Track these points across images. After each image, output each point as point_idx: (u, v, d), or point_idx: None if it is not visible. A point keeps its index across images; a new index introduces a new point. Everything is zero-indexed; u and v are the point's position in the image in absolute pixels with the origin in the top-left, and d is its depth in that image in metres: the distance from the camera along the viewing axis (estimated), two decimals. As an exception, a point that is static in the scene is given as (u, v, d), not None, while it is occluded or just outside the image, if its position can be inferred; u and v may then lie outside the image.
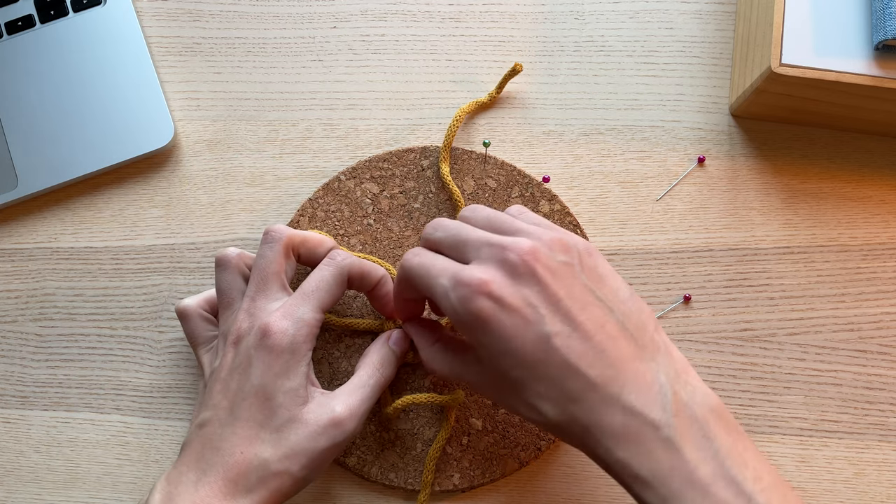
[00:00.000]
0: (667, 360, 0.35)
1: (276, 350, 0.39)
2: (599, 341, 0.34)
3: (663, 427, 0.33)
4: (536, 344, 0.34)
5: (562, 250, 0.36)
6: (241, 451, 0.38)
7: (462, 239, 0.37)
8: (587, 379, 0.33)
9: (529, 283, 0.34)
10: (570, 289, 0.35)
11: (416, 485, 0.45)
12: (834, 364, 0.47)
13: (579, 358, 0.34)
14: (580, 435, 0.34)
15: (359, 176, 0.49)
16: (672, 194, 0.50)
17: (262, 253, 0.42)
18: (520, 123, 0.51)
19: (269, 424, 0.38)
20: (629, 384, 0.33)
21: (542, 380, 0.34)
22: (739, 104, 0.49)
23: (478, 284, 0.34)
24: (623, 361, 0.34)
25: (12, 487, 0.47)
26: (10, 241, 0.50)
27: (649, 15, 0.52)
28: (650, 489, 0.32)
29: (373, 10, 0.52)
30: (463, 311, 0.35)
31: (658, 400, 0.33)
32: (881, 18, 0.43)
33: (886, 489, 0.46)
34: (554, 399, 0.34)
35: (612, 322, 0.35)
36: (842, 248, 0.49)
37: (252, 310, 0.40)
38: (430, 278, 0.36)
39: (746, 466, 0.33)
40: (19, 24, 0.51)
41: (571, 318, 0.34)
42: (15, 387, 0.48)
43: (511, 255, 0.35)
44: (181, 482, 0.38)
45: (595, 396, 0.33)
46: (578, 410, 0.33)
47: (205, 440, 0.39)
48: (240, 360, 0.39)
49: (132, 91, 0.50)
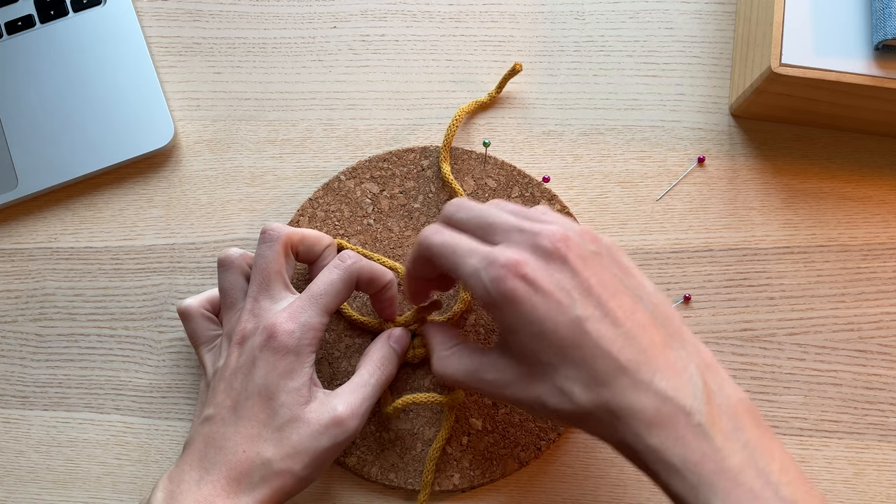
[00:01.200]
0: (695, 350, 0.35)
1: (281, 351, 0.39)
2: (630, 327, 0.34)
3: (695, 414, 0.32)
4: (569, 327, 0.34)
5: (592, 241, 0.36)
6: (243, 450, 0.38)
7: (490, 221, 0.37)
8: (619, 363, 0.33)
9: (562, 268, 0.35)
10: (601, 276, 0.35)
11: (416, 485, 0.45)
12: (834, 364, 0.47)
13: (611, 342, 0.33)
14: (608, 421, 0.33)
15: (359, 176, 0.49)
16: (672, 194, 0.50)
17: (261, 252, 0.42)
18: (520, 123, 0.51)
19: (272, 423, 0.38)
20: (660, 370, 0.33)
21: (574, 363, 0.34)
22: (739, 104, 0.49)
23: (512, 265, 0.34)
24: (653, 348, 0.34)
25: (12, 487, 0.47)
26: (10, 241, 0.50)
27: (649, 15, 0.52)
28: (679, 476, 0.32)
29: (373, 10, 0.52)
30: (495, 292, 0.34)
31: (689, 387, 0.33)
32: (881, 18, 0.43)
33: (886, 489, 0.46)
34: (584, 383, 0.33)
35: (642, 310, 0.35)
36: (842, 248, 0.49)
37: (256, 310, 0.40)
38: (458, 257, 0.36)
39: (773, 459, 0.32)
40: (19, 24, 0.51)
41: (603, 303, 0.34)
42: (15, 387, 0.48)
43: (543, 241, 0.35)
44: (183, 480, 0.38)
45: (626, 381, 0.33)
46: (609, 394, 0.33)
47: (207, 439, 0.39)
48: (244, 361, 0.40)
49: (132, 91, 0.50)
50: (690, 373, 0.33)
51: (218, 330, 0.44)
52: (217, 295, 0.45)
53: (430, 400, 0.44)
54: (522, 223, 0.36)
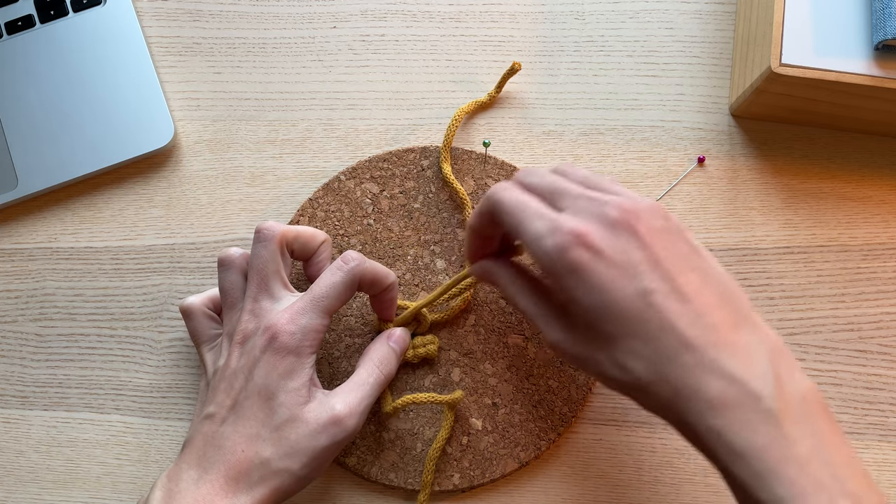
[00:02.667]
0: (766, 335, 0.33)
1: (282, 352, 0.39)
2: (699, 305, 0.32)
3: (765, 398, 0.31)
4: (635, 298, 0.32)
5: (662, 216, 0.35)
6: (242, 450, 0.38)
7: (560, 188, 0.36)
8: (686, 339, 0.32)
9: (630, 238, 0.33)
10: (670, 251, 0.34)
11: (416, 485, 0.45)
12: (834, 364, 0.47)
13: (678, 317, 0.32)
14: (668, 398, 0.32)
15: (359, 176, 0.49)
16: (672, 194, 0.50)
17: (257, 252, 0.42)
18: (520, 123, 0.51)
19: (270, 423, 0.39)
20: (729, 350, 0.32)
21: (637, 336, 0.32)
22: (739, 104, 0.49)
23: (578, 234, 0.33)
24: (722, 328, 0.32)
25: (12, 487, 0.47)
26: (10, 241, 0.50)
27: (649, 15, 0.52)
28: (743, 461, 0.31)
29: (373, 10, 0.52)
30: (558, 259, 0.33)
31: (759, 371, 0.31)
32: (881, 18, 0.43)
33: (886, 489, 0.46)
34: (646, 357, 0.32)
35: (711, 289, 0.33)
36: (842, 248, 0.49)
37: (256, 310, 0.41)
38: (525, 218, 0.35)
39: (840, 452, 0.31)
40: (19, 24, 0.51)
41: (672, 277, 0.33)
42: (15, 387, 0.48)
43: (612, 211, 0.34)
44: (182, 479, 0.38)
45: (692, 358, 0.32)
46: (672, 371, 0.32)
47: (207, 438, 0.39)
48: (245, 361, 0.40)
49: (132, 91, 0.50)
50: (760, 356, 0.32)
51: (219, 329, 0.44)
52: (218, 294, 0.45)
53: (430, 400, 0.44)
54: (590, 192, 0.35)
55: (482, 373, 0.46)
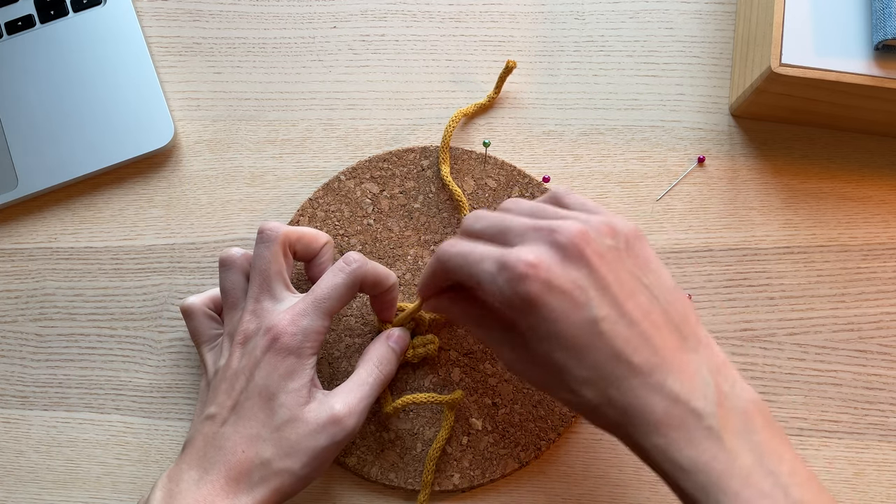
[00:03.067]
0: (708, 352, 0.35)
1: (283, 353, 0.39)
2: (645, 329, 0.34)
3: (706, 416, 0.32)
4: (583, 327, 0.33)
5: (610, 235, 0.35)
6: (242, 450, 0.38)
7: (506, 226, 0.36)
8: (633, 364, 0.33)
9: (578, 265, 0.34)
10: (618, 274, 0.34)
11: (416, 485, 0.45)
12: (834, 364, 0.47)
13: (625, 343, 0.33)
14: (617, 419, 0.34)
15: (359, 176, 0.49)
16: (672, 194, 0.50)
17: (260, 252, 0.42)
18: (520, 123, 0.51)
19: (271, 423, 0.39)
20: (673, 372, 0.33)
21: (586, 365, 0.33)
22: (739, 104, 0.49)
23: (526, 265, 0.33)
24: (667, 350, 0.33)
25: (12, 487, 0.47)
26: (10, 241, 0.50)
27: (649, 15, 0.52)
28: (689, 476, 0.32)
29: (373, 10, 0.52)
30: (511, 293, 0.34)
31: (701, 390, 0.33)
32: (881, 18, 0.43)
33: (886, 489, 0.46)
34: (595, 383, 0.33)
35: (658, 310, 0.34)
36: (842, 248, 0.49)
37: (258, 311, 0.41)
38: (472, 265, 0.36)
39: (783, 460, 0.33)
40: (19, 24, 0.51)
41: (619, 303, 0.34)
42: (15, 387, 0.48)
43: (560, 237, 0.34)
44: (182, 480, 0.38)
45: (637, 382, 0.33)
46: (620, 395, 0.33)
47: (207, 438, 0.39)
48: (246, 362, 0.40)
49: (132, 91, 0.50)
50: (703, 375, 0.33)
51: (220, 329, 0.44)
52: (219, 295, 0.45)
53: (430, 400, 0.44)
54: (538, 223, 0.35)
55: (482, 373, 0.46)
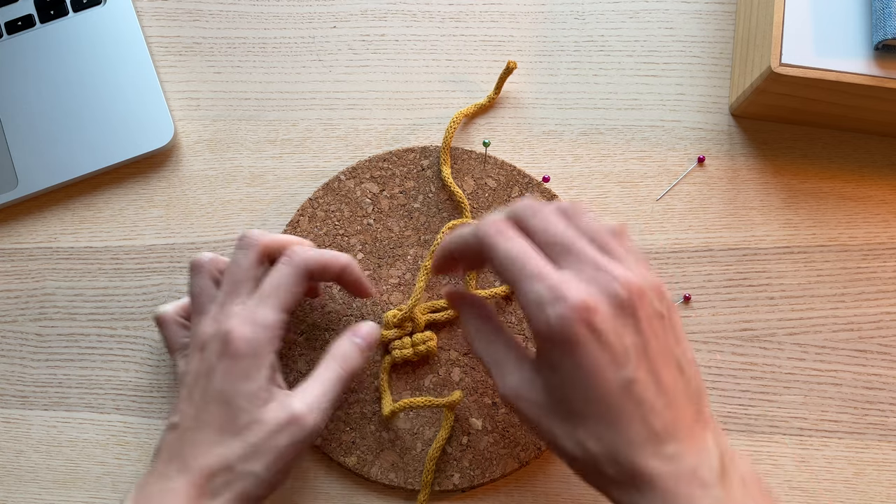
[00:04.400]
0: (714, 426, 0.35)
1: (237, 356, 0.39)
2: (672, 399, 0.34)
3: (712, 487, 0.33)
4: (617, 386, 0.33)
5: (660, 297, 0.35)
6: (203, 456, 0.38)
7: (566, 244, 0.35)
8: (654, 430, 0.33)
9: (628, 322, 0.33)
10: (660, 340, 0.34)
11: (416, 485, 0.45)
12: (834, 364, 0.47)
13: (651, 409, 0.33)
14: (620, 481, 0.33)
15: (359, 176, 0.49)
16: (672, 194, 0.50)
17: (236, 259, 0.42)
18: (520, 123, 0.51)
19: (231, 428, 0.38)
20: (686, 443, 0.33)
21: (606, 421, 0.33)
22: (739, 104, 0.49)
23: (585, 308, 0.33)
24: (685, 420, 0.34)
25: (12, 487, 0.47)
26: (10, 241, 0.50)
27: (649, 15, 0.52)
28: None
29: (373, 10, 0.52)
30: (558, 329, 0.33)
31: (708, 462, 0.33)
32: (881, 18, 0.43)
33: (886, 489, 0.46)
34: (608, 441, 0.33)
35: (683, 383, 0.35)
36: (842, 248, 0.49)
37: (219, 316, 0.40)
38: (525, 277, 0.34)
39: None
40: (19, 24, 0.51)
41: (655, 369, 0.34)
42: (15, 387, 0.48)
43: (620, 290, 0.33)
44: (149, 491, 0.38)
45: (652, 449, 0.33)
46: (629, 457, 0.33)
47: (171, 447, 0.39)
48: (204, 367, 0.39)
49: (132, 91, 0.50)
50: (710, 447, 0.34)
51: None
52: None
53: (427, 404, 0.44)
54: (599, 259, 0.34)
55: (482, 373, 0.46)
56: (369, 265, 0.48)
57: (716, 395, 0.47)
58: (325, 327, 0.47)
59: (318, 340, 0.47)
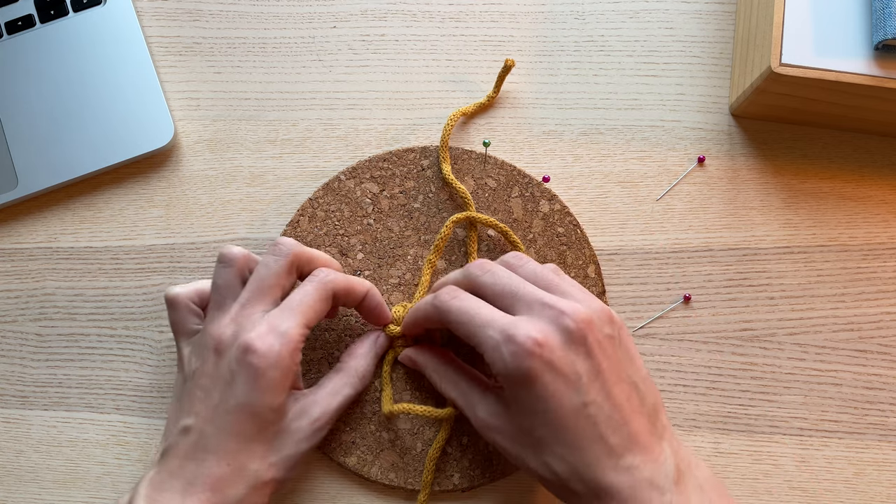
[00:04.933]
0: (669, 436, 0.38)
1: (261, 368, 0.38)
2: (626, 414, 0.37)
3: (666, 492, 0.36)
4: (574, 411, 0.36)
5: (609, 322, 0.38)
6: (227, 463, 0.38)
7: (513, 290, 0.38)
8: (610, 446, 0.36)
9: (578, 350, 0.36)
10: (611, 361, 0.37)
11: (416, 485, 0.45)
12: (834, 364, 0.47)
13: (606, 426, 0.36)
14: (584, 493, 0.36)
15: (359, 176, 0.49)
16: (672, 194, 0.50)
17: (267, 262, 0.41)
18: (520, 123, 0.51)
19: (258, 438, 0.39)
20: (641, 454, 0.36)
21: (565, 441, 0.36)
22: (739, 104, 0.49)
23: (532, 343, 0.36)
24: (640, 434, 0.37)
25: (12, 487, 0.47)
26: (10, 241, 0.50)
27: (649, 15, 0.52)
28: None
29: (373, 10, 0.52)
30: (513, 367, 0.36)
31: (663, 470, 0.36)
32: (881, 18, 0.43)
33: (886, 489, 0.46)
34: (571, 462, 0.36)
35: (636, 398, 0.38)
36: (842, 248, 0.49)
37: (239, 318, 0.40)
38: (477, 327, 0.37)
39: None
40: (19, 24, 0.51)
41: (608, 389, 0.36)
42: (15, 387, 0.48)
43: (568, 322, 0.36)
44: (165, 489, 0.38)
45: (610, 463, 0.36)
46: (590, 472, 0.36)
47: (189, 449, 0.39)
48: (222, 372, 0.39)
49: (132, 91, 0.50)
50: (666, 457, 0.37)
51: (200, 325, 0.43)
52: (206, 289, 0.44)
53: (425, 413, 0.44)
54: (545, 298, 0.37)
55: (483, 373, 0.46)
56: (369, 265, 0.48)
57: (716, 395, 0.47)
58: (325, 327, 0.47)
59: (319, 341, 0.47)
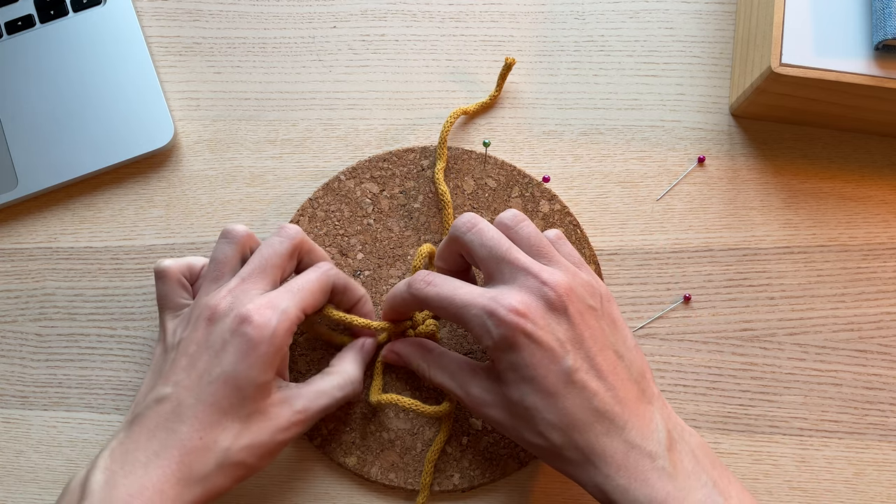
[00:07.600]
0: (660, 404, 0.39)
1: (255, 340, 0.38)
2: (612, 381, 0.37)
3: (659, 458, 0.36)
4: (558, 376, 0.37)
5: (591, 294, 0.39)
6: (200, 437, 0.37)
7: (499, 255, 0.39)
8: (599, 411, 0.37)
9: (561, 319, 0.37)
10: (593, 331, 0.38)
11: (416, 485, 0.45)
12: (834, 364, 0.47)
13: (594, 393, 0.37)
14: (580, 462, 0.37)
15: (359, 176, 0.49)
16: (672, 194, 0.50)
17: (272, 242, 0.41)
18: (520, 123, 0.51)
19: (234, 413, 0.37)
20: (632, 420, 0.37)
21: (556, 410, 0.37)
22: (739, 104, 0.49)
23: (515, 313, 0.37)
24: (628, 401, 0.37)
25: (12, 487, 0.47)
26: (10, 241, 0.50)
27: (649, 15, 0.52)
28: None
29: (373, 10, 0.52)
30: (499, 338, 0.37)
31: (654, 436, 0.37)
32: (881, 18, 0.43)
33: (886, 489, 0.46)
34: (562, 428, 0.37)
35: (623, 366, 0.38)
36: (842, 248, 0.49)
37: (237, 292, 0.39)
38: (459, 308, 0.38)
39: (731, 496, 0.37)
40: (19, 24, 0.51)
41: (591, 357, 0.37)
42: (15, 387, 0.48)
43: (549, 292, 0.37)
44: (128, 461, 0.36)
45: (601, 428, 0.37)
46: (583, 439, 0.37)
47: (161, 419, 0.37)
48: (213, 340, 0.38)
49: (132, 91, 0.50)
50: (657, 423, 0.38)
51: (188, 300, 0.43)
52: (197, 264, 0.44)
53: (413, 407, 0.44)
54: (530, 266, 0.38)
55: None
56: (369, 265, 0.48)
57: (716, 395, 0.47)
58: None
59: (318, 341, 0.47)
